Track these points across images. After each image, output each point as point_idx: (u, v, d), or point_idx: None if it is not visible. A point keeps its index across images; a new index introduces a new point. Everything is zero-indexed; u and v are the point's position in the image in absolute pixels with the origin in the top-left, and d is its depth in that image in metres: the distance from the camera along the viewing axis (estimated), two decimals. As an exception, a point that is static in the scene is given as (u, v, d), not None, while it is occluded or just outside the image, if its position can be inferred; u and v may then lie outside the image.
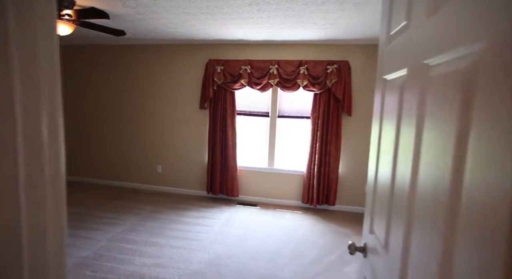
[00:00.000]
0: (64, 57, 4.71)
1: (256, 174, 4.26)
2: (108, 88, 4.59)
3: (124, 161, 4.68)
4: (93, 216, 3.45)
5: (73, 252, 2.62)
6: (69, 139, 4.86)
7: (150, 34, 3.62)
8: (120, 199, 4.12)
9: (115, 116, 4.62)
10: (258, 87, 3.90)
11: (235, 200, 4.29)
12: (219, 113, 4.08)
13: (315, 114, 3.82)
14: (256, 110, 4.22)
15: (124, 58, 4.45)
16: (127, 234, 3.03)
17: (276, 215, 3.77)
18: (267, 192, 4.25)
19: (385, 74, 0.92)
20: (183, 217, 3.57)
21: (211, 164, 4.21)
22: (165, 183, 4.57)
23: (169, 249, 2.76)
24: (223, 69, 3.98)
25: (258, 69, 3.90)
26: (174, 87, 4.35)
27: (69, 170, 4.90)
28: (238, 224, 3.43)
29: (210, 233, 3.14)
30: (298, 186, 4.12)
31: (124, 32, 2.89)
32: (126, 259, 2.54)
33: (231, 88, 3.99)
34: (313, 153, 3.88)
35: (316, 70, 3.72)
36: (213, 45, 4.11)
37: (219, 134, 4.12)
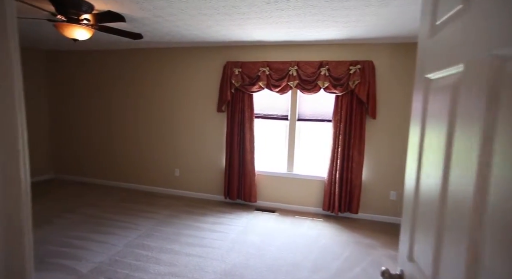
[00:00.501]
0: (83, 62, 4.82)
1: (274, 179, 4.12)
2: (126, 92, 4.63)
3: (142, 164, 4.69)
4: (110, 220, 3.45)
5: (90, 257, 2.61)
6: (89, 142, 4.95)
7: (166, 37, 3.60)
8: (137, 202, 4.12)
9: (133, 119, 4.65)
10: (277, 90, 3.78)
11: (253, 206, 4.17)
12: (237, 116, 3.99)
13: (337, 117, 3.64)
14: (275, 113, 4.09)
15: (142, 62, 4.48)
16: (143, 239, 2.99)
17: (295, 222, 3.61)
18: (286, 198, 4.10)
19: (428, 72, 0.77)
20: (199, 222, 3.49)
21: (228, 168, 4.12)
22: (183, 187, 4.54)
23: (185, 257, 2.68)
24: (241, 71, 3.90)
25: (277, 71, 3.77)
26: (192, 90, 4.31)
27: (89, 172, 4.99)
28: (256, 232, 3.30)
29: (227, 241, 3.04)
30: (318, 193, 3.94)
31: (141, 36, 2.87)
32: (141, 266, 2.49)
33: (249, 90, 3.89)
34: (335, 158, 3.69)
35: (337, 71, 3.54)
36: (231, 47, 4.04)
37: (237, 138, 4.02)
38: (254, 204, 4.20)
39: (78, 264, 2.49)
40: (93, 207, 3.84)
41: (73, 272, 2.38)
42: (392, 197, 3.66)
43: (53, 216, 3.49)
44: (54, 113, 5.15)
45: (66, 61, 4.92)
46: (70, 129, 5.07)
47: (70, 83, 4.96)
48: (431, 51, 0.77)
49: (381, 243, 3.11)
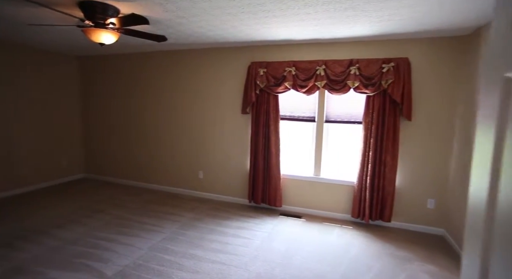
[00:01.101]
0: (111, 66, 4.95)
1: (300, 183, 3.96)
2: (151, 94, 4.69)
3: (167, 165, 4.73)
4: (135, 221, 3.48)
5: (115, 259, 2.62)
6: (117, 143, 5.08)
7: (190, 38, 3.57)
8: (163, 204, 4.14)
9: (158, 121, 4.70)
10: (303, 90, 3.62)
11: (278, 211, 4.03)
12: (262, 118, 3.88)
13: (368, 118, 3.41)
14: (301, 114, 3.93)
15: (166, 64, 4.51)
16: (167, 243, 2.97)
17: (323, 229, 3.43)
18: (312, 203, 3.92)
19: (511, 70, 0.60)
20: (223, 227, 3.42)
21: (253, 172, 4.02)
22: (206, 189, 4.51)
23: (208, 263, 2.61)
24: (266, 71, 3.78)
25: (304, 71, 3.62)
26: (216, 91, 4.27)
27: (117, 172, 5.12)
28: (281, 238, 3.17)
29: (251, 248, 2.93)
30: (347, 198, 3.73)
31: (166, 38, 2.84)
32: (164, 272, 2.45)
33: (274, 91, 3.76)
34: (366, 163, 3.46)
35: (369, 69, 3.32)
36: (255, 47, 3.94)
37: (262, 140, 3.91)
38: (279, 208, 4.07)
39: (103, 266, 2.51)
40: (120, 208, 3.91)
41: (99, 274, 2.39)
42: (429, 205, 3.36)
43: (83, 216, 3.59)
44: (85, 115, 5.35)
45: (96, 66, 5.09)
46: (100, 130, 5.24)
47: (100, 87, 5.12)
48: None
49: (418, 256, 2.85)
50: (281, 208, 4.07)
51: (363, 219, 3.55)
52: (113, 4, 2.39)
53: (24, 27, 3.20)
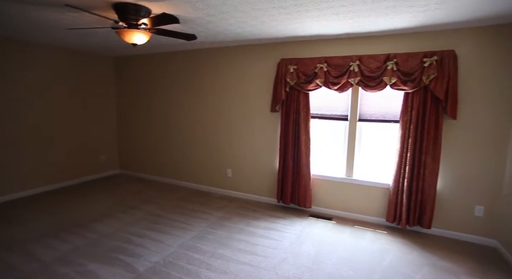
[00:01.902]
0: (143, 66, 5.09)
1: (331, 184, 3.81)
2: (181, 93, 4.76)
3: (197, 163, 4.79)
4: (166, 218, 3.56)
5: (147, 255, 2.68)
6: (150, 140, 5.24)
7: (219, 36, 3.55)
8: (192, 201, 4.20)
9: (189, 119, 4.77)
10: (335, 87, 3.46)
11: (307, 212, 3.92)
12: (292, 116, 3.78)
13: (406, 117, 3.18)
14: (333, 112, 3.77)
15: (196, 63, 4.54)
16: (196, 241, 2.99)
17: (355, 233, 3.27)
18: (344, 205, 3.76)
19: None
20: (251, 227, 3.39)
21: (282, 171, 3.94)
22: (235, 188, 4.51)
23: (236, 264, 2.58)
24: (296, 68, 3.66)
25: (336, 67, 3.45)
26: (245, 89, 4.23)
27: (150, 169, 5.29)
28: (311, 241, 3.07)
29: (280, 250, 2.87)
30: (381, 201, 3.52)
31: (195, 36, 2.84)
32: (193, 271, 2.46)
33: (305, 89, 3.64)
34: (403, 164, 3.24)
35: (408, 64, 3.08)
36: (285, 43, 3.83)
37: (292, 139, 3.81)
38: (309, 209, 3.96)
39: (136, 261, 2.58)
40: (152, 205, 4.03)
41: (132, 269, 2.46)
42: (477, 213, 3.06)
43: (118, 211, 3.75)
44: (120, 113, 5.59)
45: (129, 66, 5.27)
46: (133, 128, 5.44)
47: (132, 86, 5.30)
48: None
49: (466, 269, 2.60)
50: (311, 209, 3.95)
51: (399, 224, 3.33)
52: (145, 5, 2.42)
53: (64, 31, 3.36)
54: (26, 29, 3.34)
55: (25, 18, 2.90)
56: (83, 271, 2.42)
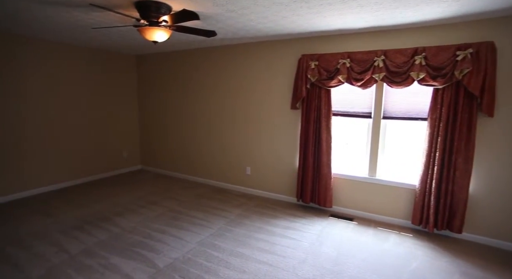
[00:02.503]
0: (164, 63, 5.15)
1: (353, 183, 3.69)
2: (200, 90, 4.78)
3: (216, 160, 4.81)
4: (186, 215, 3.59)
5: (167, 251, 2.71)
6: (170, 137, 5.31)
7: (239, 32, 3.51)
8: (211, 198, 4.22)
9: (208, 116, 4.78)
10: (359, 84, 3.32)
11: (328, 211, 3.83)
12: (313, 113, 3.68)
13: (435, 115, 2.99)
14: (356, 110, 3.64)
15: (215, 60, 4.53)
16: (214, 239, 2.99)
17: (378, 235, 3.15)
18: (366, 206, 3.63)
19: None
20: (270, 226, 3.34)
21: (302, 169, 3.86)
22: (254, 186, 4.48)
23: (254, 263, 2.55)
24: (318, 64, 3.56)
25: (360, 63, 3.31)
26: (264, 86, 4.17)
27: (170, 165, 5.37)
28: (331, 242, 2.98)
29: (299, 250, 2.81)
30: (407, 203, 3.36)
31: (215, 33, 2.81)
32: (212, 268, 2.46)
33: (326, 85, 3.53)
34: (431, 165, 3.06)
35: (438, 58, 2.89)
36: (307, 38, 3.73)
37: (312, 137, 3.72)
38: (329, 209, 3.86)
39: (156, 257, 2.61)
40: (172, 201, 4.09)
41: (152, 265, 2.49)
42: (513, 217, 2.85)
43: (139, 206, 3.83)
44: (142, 110, 5.71)
45: (150, 64, 5.36)
46: (155, 125, 5.54)
47: (154, 83, 5.39)
48: None
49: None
50: (331, 209, 3.85)
51: (425, 227, 3.16)
52: (166, 2, 2.42)
53: (88, 30, 3.46)
54: (52, 29, 3.46)
55: (52, 19, 3.00)
56: (106, 264, 2.49)
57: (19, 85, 3.96)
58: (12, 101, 3.90)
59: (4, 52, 3.77)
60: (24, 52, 3.96)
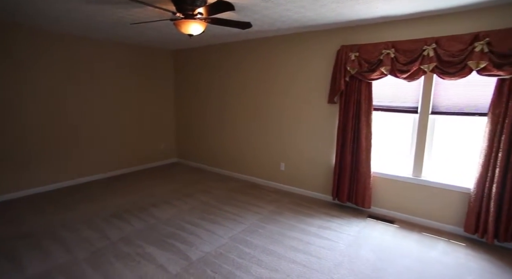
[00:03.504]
0: (199, 57, 5.17)
1: (395, 183, 3.42)
2: (235, 83, 4.74)
3: (250, 155, 4.77)
4: (218, 209, 3.60)
5: (199, 245, 2.73)
6: (205, 130, 5.38)
7: (276, 23, 3.39)
8: (245, 193, 4.19)
9: (241, 111, 4.75)
10: (404, 76, 3.04)
11: (366, 212, 3.60)
12: (352, 108, 3.47)
13: (498, 109, 2.63)
14: (400, 104, 3.35)
15: (249, 53, 4.46)
16: (246, 235, 2.95)
17: (423, 241, 2.88)
18: (409, 208, 3.35)
19: None
20: (304, 224, 3.22)
21: (339, 167, 3.67)
22: (287, 182, 4.37)
23: (287, 263, 2.46)
24: (358, 55, 3.33)
25: (406, 52, 3.03)
26: (300, 80, 4.01)
27: (205, 159, 5.45)
28: (370, 245, 2.78)
29: (335, 252, 2.66)
30: (458, 207, 3.03)
31: (251, 24, 2.73)
32: (243, 265, 2.42)
33: (367, 78, 3.29)
34: (492, 166, 2.71)
35: (506, 43, 2.52)
36: (347, 28, 3.50)
37: (351, 133, 3.51)
38: (368, 210, 3.63)
39: (189, 250, 2.64)
40: (206, 194, 4.13)
41: (185, 257, 2.52)
42: None
43: (174, 199, 3.93)
44: (178, 104, 5.85)
45: (186, 58, 5.45)
46: (190, 118, 5.65)
47: (190, 78, 5.48)
48: None
49: None
50: (370, 210, 3.62)
51: (483, 236, 2.82)
52: (201, -6, 2.38)
53: (127, 27, 3.57)
54: (94, 27, 3.63)
55: (94, 18, 3.13)
56: (142, 253, 2.56)
57: (69, 81, 4.24)
58: (62, 96, 4.20)
59: (57, 50, 4.05)
60: (77, 50, 4.23)
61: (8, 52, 3.63)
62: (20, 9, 2.95)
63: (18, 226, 3.07)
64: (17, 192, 3.89)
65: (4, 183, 3.77)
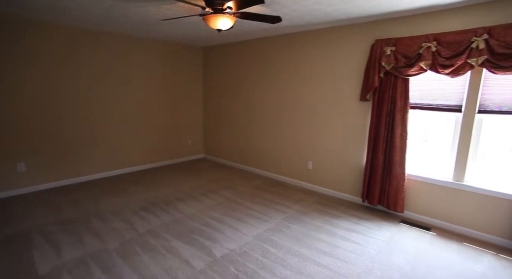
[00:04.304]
0: (227, 54, 5.16)
1: (432, 187, 3.18)
2: (262, 80, 4.67)
3: (277, 152, 4.70)
4: (243, 206, 3.57)
5: (223, 242, 2.71)
6: (232, 127, 5.38)
7: (306, 17, 3.26)
8: (270, 192, 4.13)
9: (268, 108, 4.67)
10: (447, 71, 2.80)
11: (399, 217, 3.39)
12: (386, 106, 3.27)
13: (559, 108, 2.33)
14: (440, 102, 3.09)
15: (277, 49, 4.36)
16: (271, 234, 2.89)
17: (465, 252, 2.64)
18: (448, 215, 3.10)
19: None
20: (331, 226, 3.10)
21: (370, 167, 3.48)
22: (314, 181, 4.24)
23: (313, 265, 2.37)
24: (395, 50, 3.12)
25: (450, 45, 2.78)
26: (330, 76, 3.86)
27: (231, 155, 5.45)
28: (403, 253, 2.60)
29: (365, 257, 2.52)
30: (506, 217, 2.74)
31: (280, 18, 2.65)
32: (267, 265, 2.36)
33: (404, 74, 3.07)
34: (547, 172, 2.41)
35: None
36: (382, 21, 3.30)
37: (384, 132, 3.31)
38: (400, 214, 3.42)
39: (213, 246, 2.63)
40: (231, 191, 4.13)
41: (209, 253, 2.51)
42: None
43: (200, 194, 3.96)
44: (206, 100, 5.90)
45: (216, 55, 5.46)
46: (218, 115, 5.68)
47: (219, 75, 5.50)
48: None
49: None
50: (403, 214, 3.41)
51: (533, 249, 2.53)
52: (231, -13, 2.34)
53: (158, 24, 3.63)
54: (126, 25, 3.73)
55: (127, 16, 3.21)
56: (167, 247, 2.60)
57: (105, 79, 4.43)
58: (99, 93, 4.39)
59: (95, 48, 4.23)
60: (116, 47, 4.40)
61: (51, 52, 3.85)
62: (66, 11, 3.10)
63: (59, 213, 3.26)
64: (58, 181, 4.14)
65: (47, 174, 4.02)
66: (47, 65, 3.85)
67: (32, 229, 2.88)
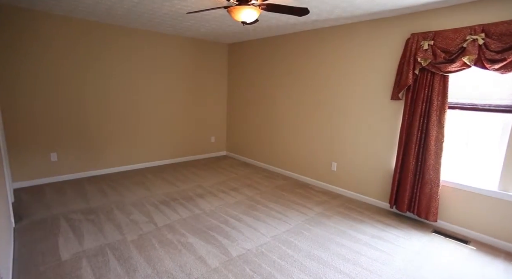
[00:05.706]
0: (252, 51, 5.07)
1: (472, 196, 2.88)
2: (285, 79, 4.54)
3: (300, 152, 4.55)
4: (263, 205, 3.47)
5: (240, 241, 2.63)
6: (254, 125, 5.29)
7: (335, 11, 3.09)
8: (292, 192, 3.99)
9: (293, 107, 4.53)
10: (496, 66, 2.50)
11: (431, 226, 3.12)
12: (420, 105, 3.01)
13: None
14: (486, 102, 2.79)
15: (301, 47, 4.20)
16: (290, 236, 2.77)
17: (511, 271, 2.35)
18: (491, 228, 2.79)
19: None
20: (355, 231, 2.91)
21: (399, 171, 3.24)
22: (338, 184, 4.04)
23: (333, 272, 2.22)
24: (433, 44, 2.86)
25: (501, 37, 2.49)
26: (359, 74, 3.64)
27: (253, 154, 5.38)
28: (436, 266, 2.37)
29: (391, 267, 2.32)
30: (560, 233, 2.40)
31: (308, 10, 2.51)
32: (285, 268, 2.25)
33: (443, 70, 2.81)
34: None
35: None
36: (418, 13, 3.04)
37: (417, 134, 3.06)
38: (433, 223, 3.14)
39: (230, 245, 2.56)
40: (252, 189, 4.04)
41: (225, 252, 2.44)
42: None
43: (220, 191, 3.92)
44: (230, 98, 5.88)
45: (241, 52, 5.40)
46: (242, 113, 5.63)
47: (244, 72, 5.44)
48: None
49: None
50: (436, 224, 3.13)
51: None
52: (256, -23, 2.25)
53: (185, 18, 3.63)
54: (154, 20, 3.77)
55: (155, 11, 3.24)
56: (184, 242, 2.57)
57: (139, 75, 4.54)
58: (133, 90, 4.51)
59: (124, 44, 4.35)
60: (148, 43, 4.51)
61: (86, 47, 4.00)
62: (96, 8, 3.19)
63: (86, 202, 3.38)
64: (87, 171, 4.31)
65: (80, 164, 4.19)
66: (78, 61, 4.01)
67: (60, 216, 2.99)
